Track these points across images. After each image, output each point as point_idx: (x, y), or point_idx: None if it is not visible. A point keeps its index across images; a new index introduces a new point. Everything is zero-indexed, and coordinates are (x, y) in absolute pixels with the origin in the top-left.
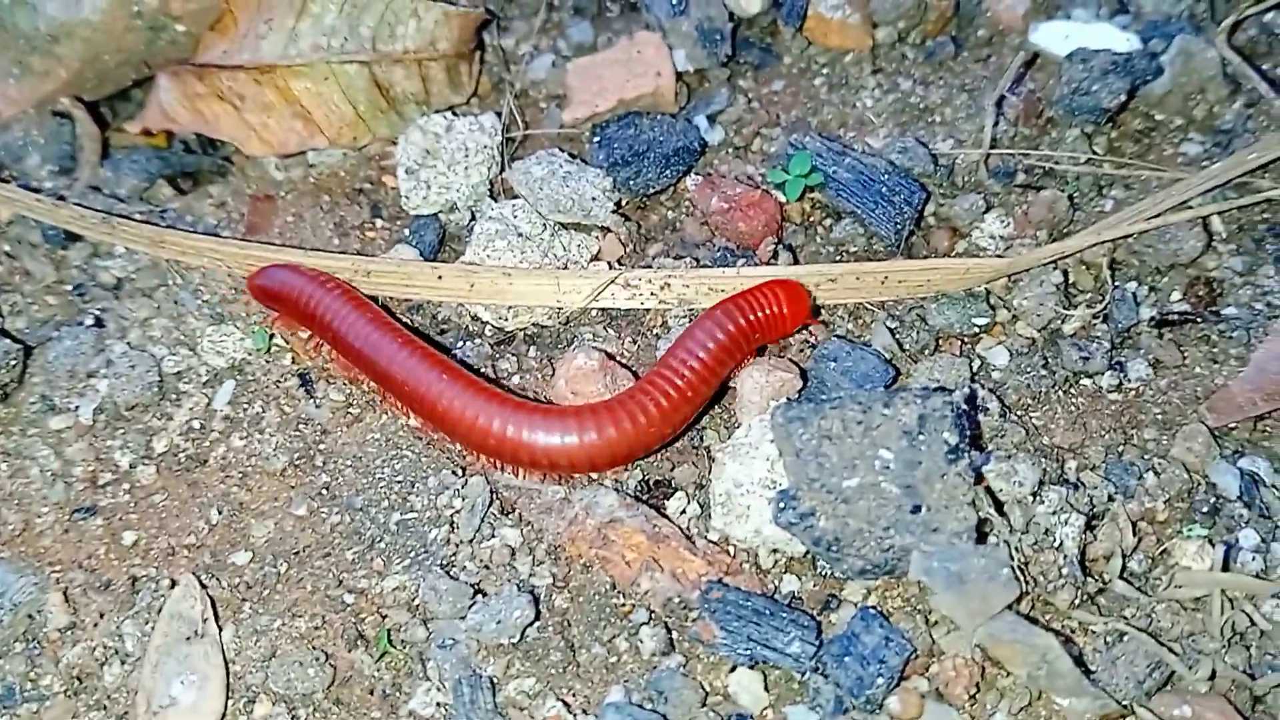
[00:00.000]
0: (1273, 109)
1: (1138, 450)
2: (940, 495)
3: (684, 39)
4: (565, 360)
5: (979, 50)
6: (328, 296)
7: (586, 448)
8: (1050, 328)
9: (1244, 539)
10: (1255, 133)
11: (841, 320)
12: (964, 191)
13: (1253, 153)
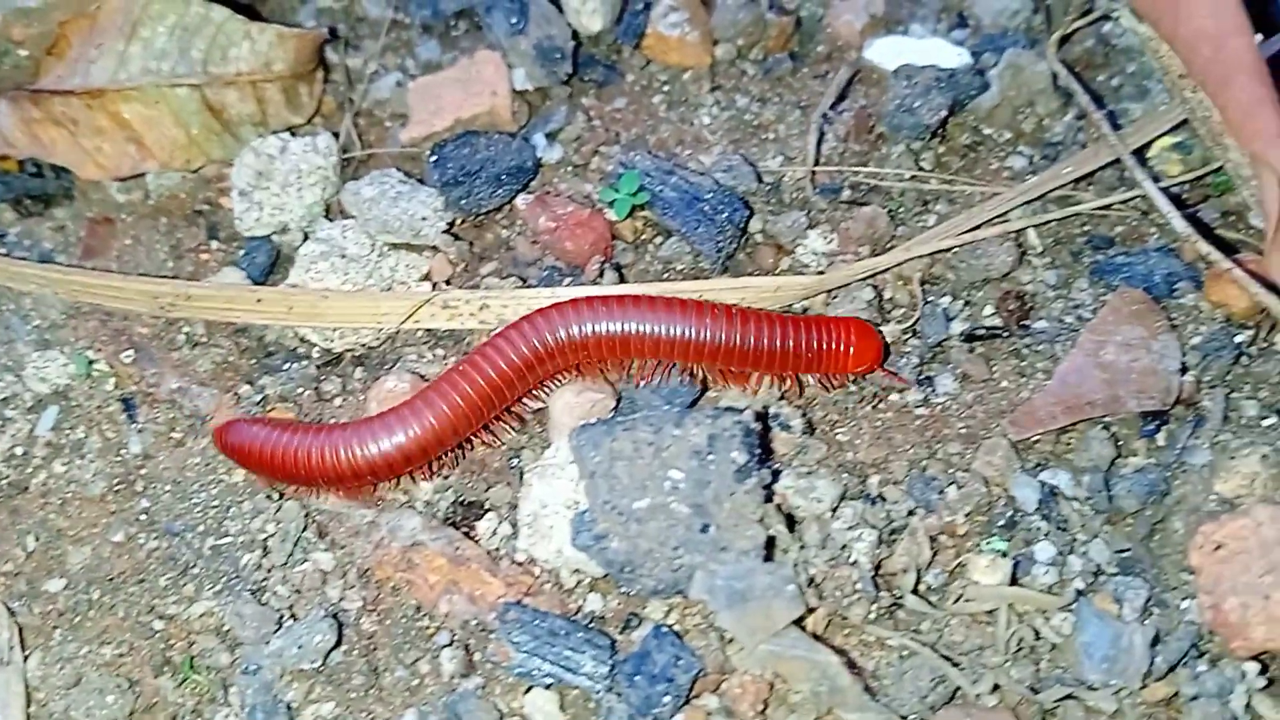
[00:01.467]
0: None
1: (942, 464)
2: (729, 514)
3: (523, 58)
4: (377, 384)
5: (817, 66)
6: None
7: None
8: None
9: (1040, 552)
10: (1085, 145)
11: None
12: (788, 209)
13: (1068, 166)
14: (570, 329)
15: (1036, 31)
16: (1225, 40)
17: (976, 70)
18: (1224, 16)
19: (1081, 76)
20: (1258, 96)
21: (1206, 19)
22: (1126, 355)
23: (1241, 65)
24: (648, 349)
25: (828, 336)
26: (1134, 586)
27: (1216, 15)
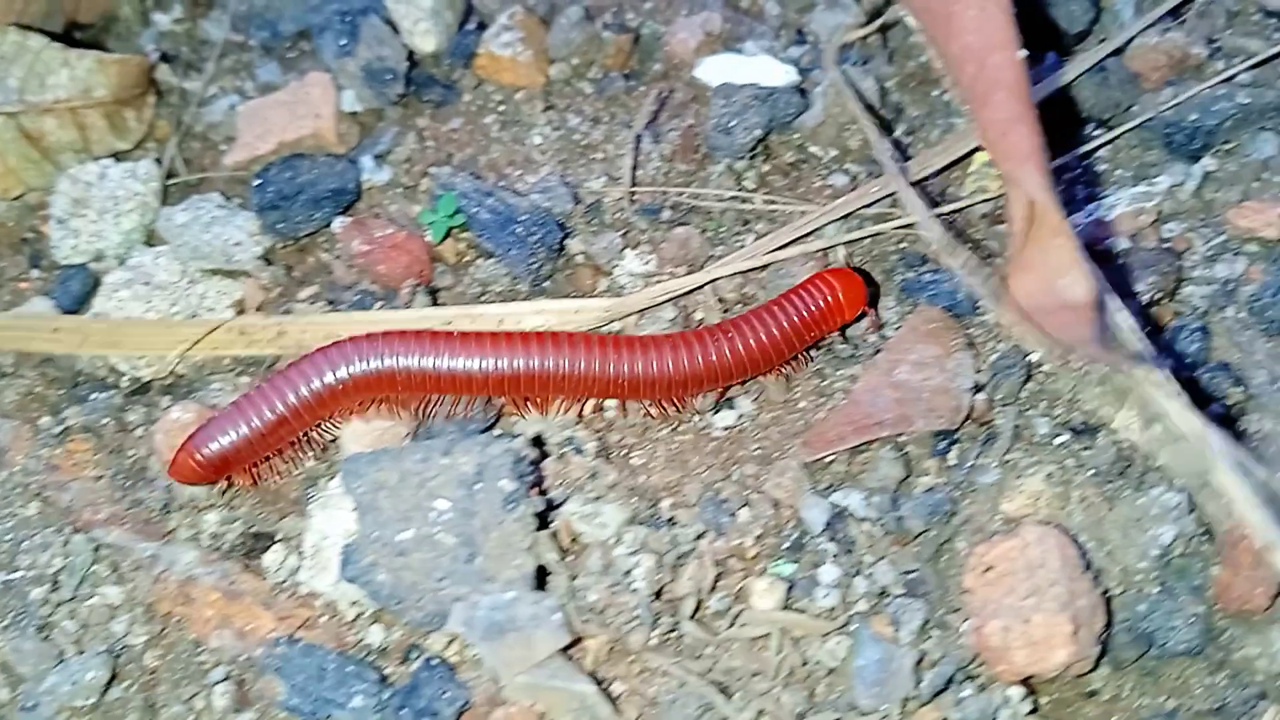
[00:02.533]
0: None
1: (737, 486)
2: (496, 543)
3: (352, 79)
4: (164, 415)
5: (653, 85)
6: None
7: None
8: None
9: (824, 574)
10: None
11: None
12: (607, 229)
13: (874, 185)
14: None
15: (871, 48)
16: (988, 56)
17: (799, 89)
18: (989, 32)
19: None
20: (1014, 114)
21: (973, 35)
22: (920, 374)
23: (1001, 82)
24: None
25: (818, 297)
26: (912, 609)
27: (982, 31)
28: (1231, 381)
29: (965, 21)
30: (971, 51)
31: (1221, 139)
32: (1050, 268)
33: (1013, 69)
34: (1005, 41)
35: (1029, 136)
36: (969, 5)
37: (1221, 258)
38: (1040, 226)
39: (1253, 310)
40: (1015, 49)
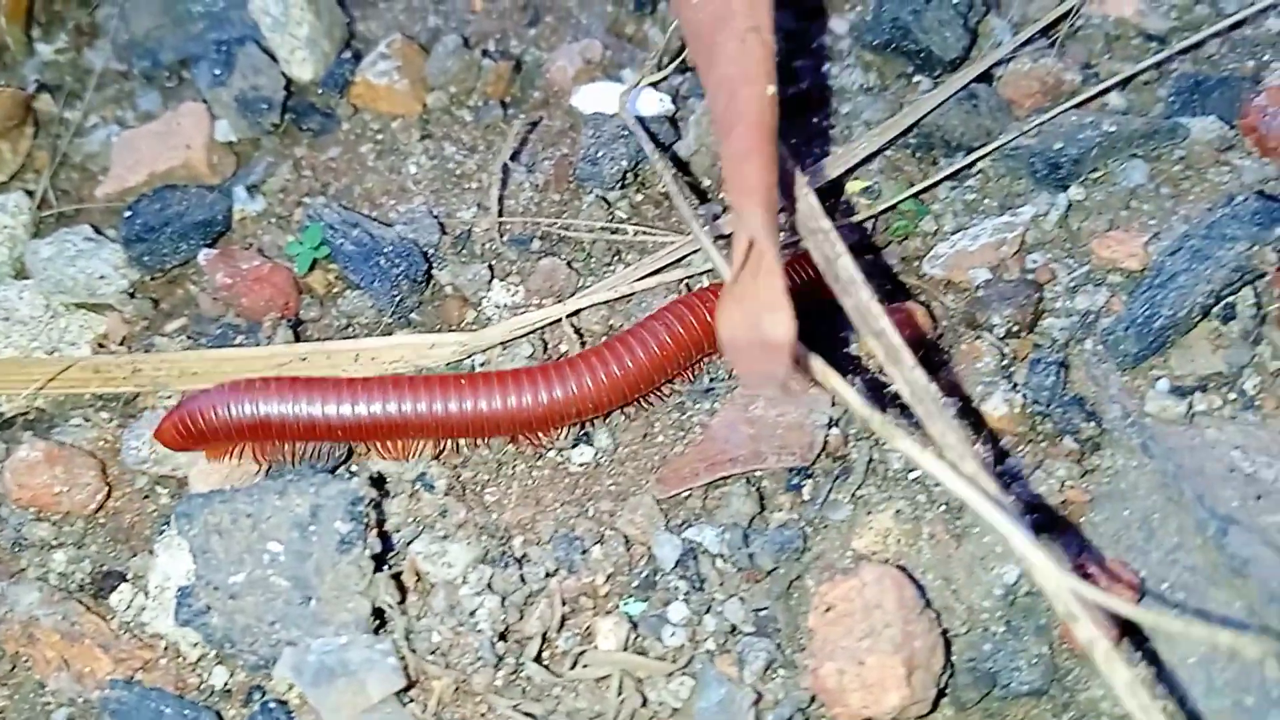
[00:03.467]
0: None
1: (592, 523)
2: (331, 586)
3: (227, 109)
4: (11, 454)
5: (532, 113)
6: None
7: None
8: None
9: (673, 612)
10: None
11: None
12: (475, 261)
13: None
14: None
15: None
16: (739, 88)
17: (672, 118)
18: (745, 65)
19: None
20: (749, 149)
21: (730, 66)
22: (775, 410)
23: (744, 115)
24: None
25: (688, 318)
26: (758, 648)
27: (739, 63)
28: (1084, 416)
29: (726, 52)
30: (726, 82)
31: (1090, 167)
32: (758, 303)
33: (758, 104)
34: (758, 76)
35: (759, 173)
36: (731, 37)
37: (1083, 289)
38: (755, 262)
39: (1107, 343)
40: (766, 85)
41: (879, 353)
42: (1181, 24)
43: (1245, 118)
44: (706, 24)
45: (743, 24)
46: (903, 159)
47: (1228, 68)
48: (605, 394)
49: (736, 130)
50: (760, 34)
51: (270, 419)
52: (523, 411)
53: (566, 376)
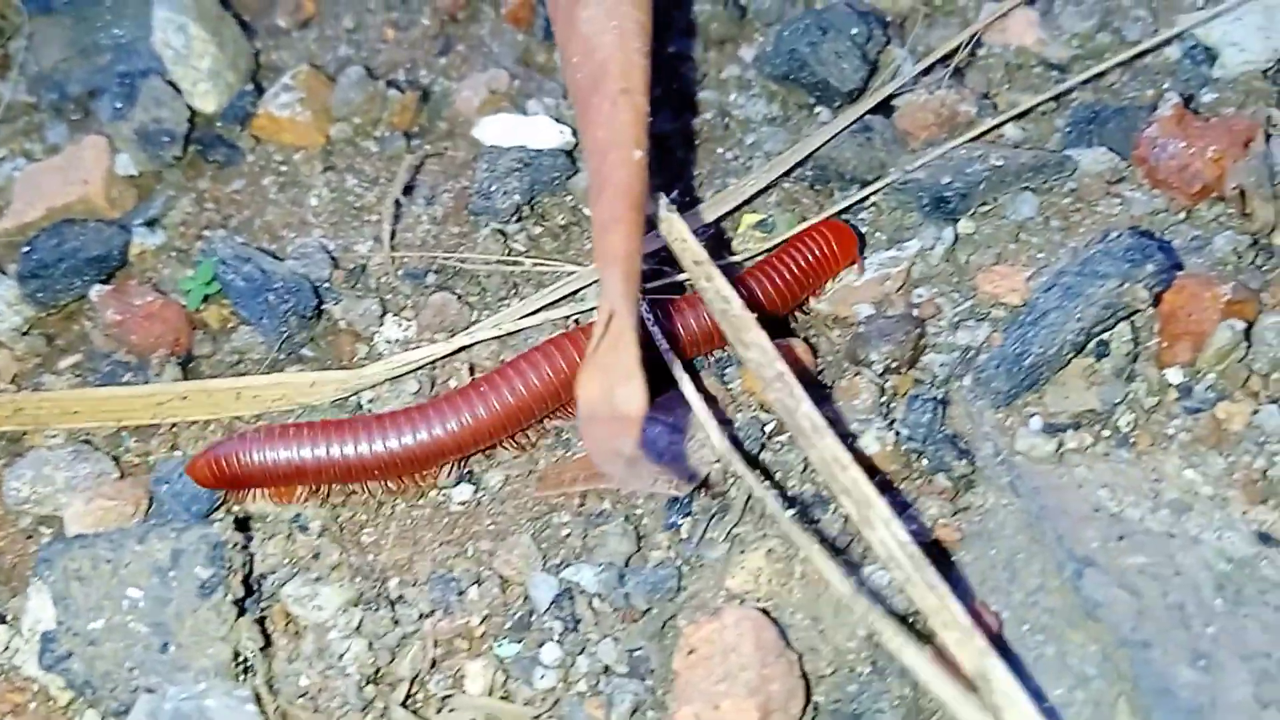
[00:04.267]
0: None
1: (470, 563)
2: (191, 632)
3: (128, 142)
4: None
5: (437, 144)
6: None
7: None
8: None
9: (546, 654)
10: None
11: (192, 439)
12: (369, 295)
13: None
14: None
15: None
16: (609, 151)
17: (569, 151)
18: (616, 128)
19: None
20: (615, 215)
21: (602, 129)
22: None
23: (611, 180)
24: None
25: (814, 247)
26: (628, 689)
27: (610, 126)
28: (957, 454)
29: (599, 114)
30: (597, 145)
31: (979, 200)
32: (614, 373)
33: (625, 169)
34: (626, 140)
35: (623, 240)
36: (605, 98)
37: (965, 324)
38: (615, 330)
39: (979, 380)
40: (634, 149)
41: (776, 395)
42: (1084, 52)
43: (1137, 149)
44: (584, 84)
45: (615, 86)
46: (800, 191)
47: (1128, 97)
48: (469, 436)
49: (604, 195)
50: (632, 96)
51: (305, 464)
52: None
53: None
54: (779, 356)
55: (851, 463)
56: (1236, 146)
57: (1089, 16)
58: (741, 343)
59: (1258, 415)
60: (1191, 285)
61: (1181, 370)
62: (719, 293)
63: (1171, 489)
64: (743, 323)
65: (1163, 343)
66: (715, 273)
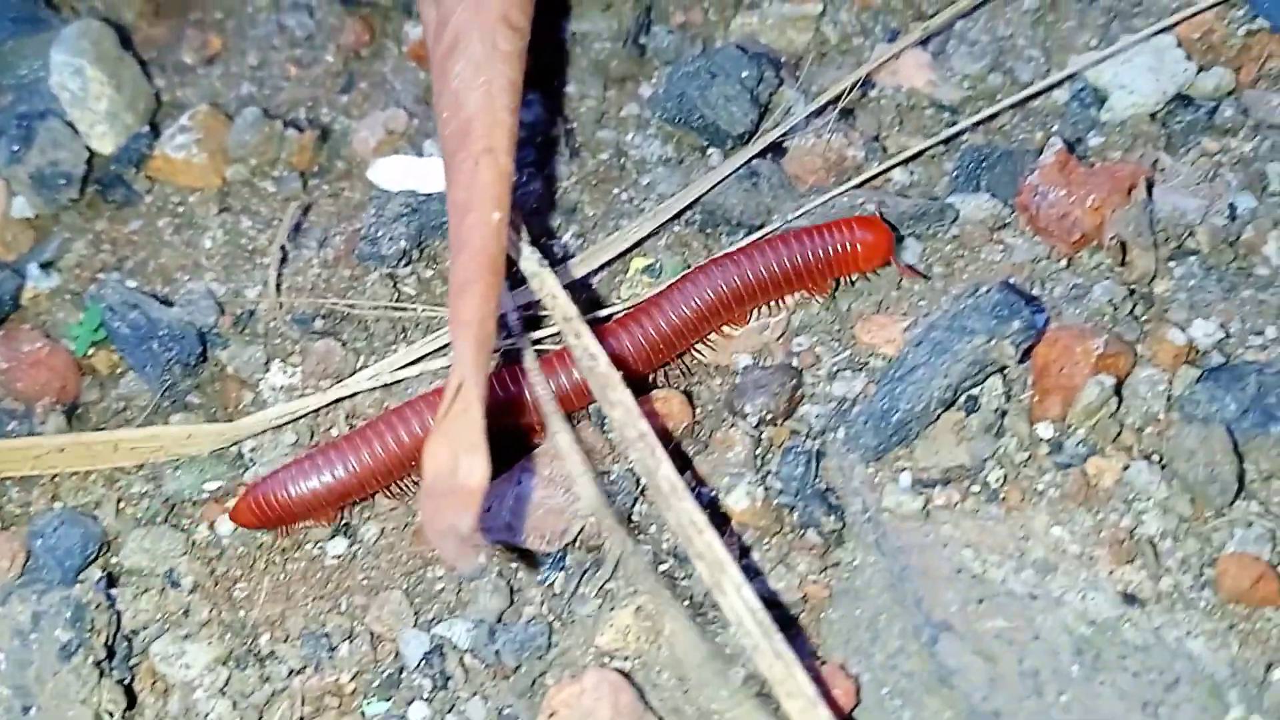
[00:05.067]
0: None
1: (343, 619)
2: (52, 695)
3: (24, 184)
4: None
5: (335, 185)
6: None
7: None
8: None
9: (414, 712)
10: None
11: (73, 489)
12: (256, 341)
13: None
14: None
15: (553, 146)
16: (467, 213)
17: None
18: (476, 190)
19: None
20: (469, 278)
21: (462, 190)
22: (544, 491)
23: (467, 243)
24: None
25: (834, 239)
26: None
27: (470, 188)
28: (826, 509)
29: (461, 174)
30: (457, 205)
31: None
32: (460, 442)
33: (482, 230)
34: (486, 201)
35: (475, 306)
36: (468, 157)
37: (841, 375)
38: (463, 399)
39: (850, 434)
40: (493, 211)
41: (638, 455)
42: (975, 94)
43: (1020, 196)
44: (450, 141)
45: (479, 145)
46: (689, 235)
47: (1017, 139)
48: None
49: (460, 257)
50: (495, 156)
51: (339, 483)
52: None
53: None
54: (641, 416)
55: (707, 526)
56: (1118, 194)
57: (981, 57)
58: (607, 401)
59: (1128, 471)
60: (1065, 338)
61: (1052, 425)
62: (586, 350)
63: (1038, 547)
64: (608, 380)
65: (1035, 397)
66: (584, 329)
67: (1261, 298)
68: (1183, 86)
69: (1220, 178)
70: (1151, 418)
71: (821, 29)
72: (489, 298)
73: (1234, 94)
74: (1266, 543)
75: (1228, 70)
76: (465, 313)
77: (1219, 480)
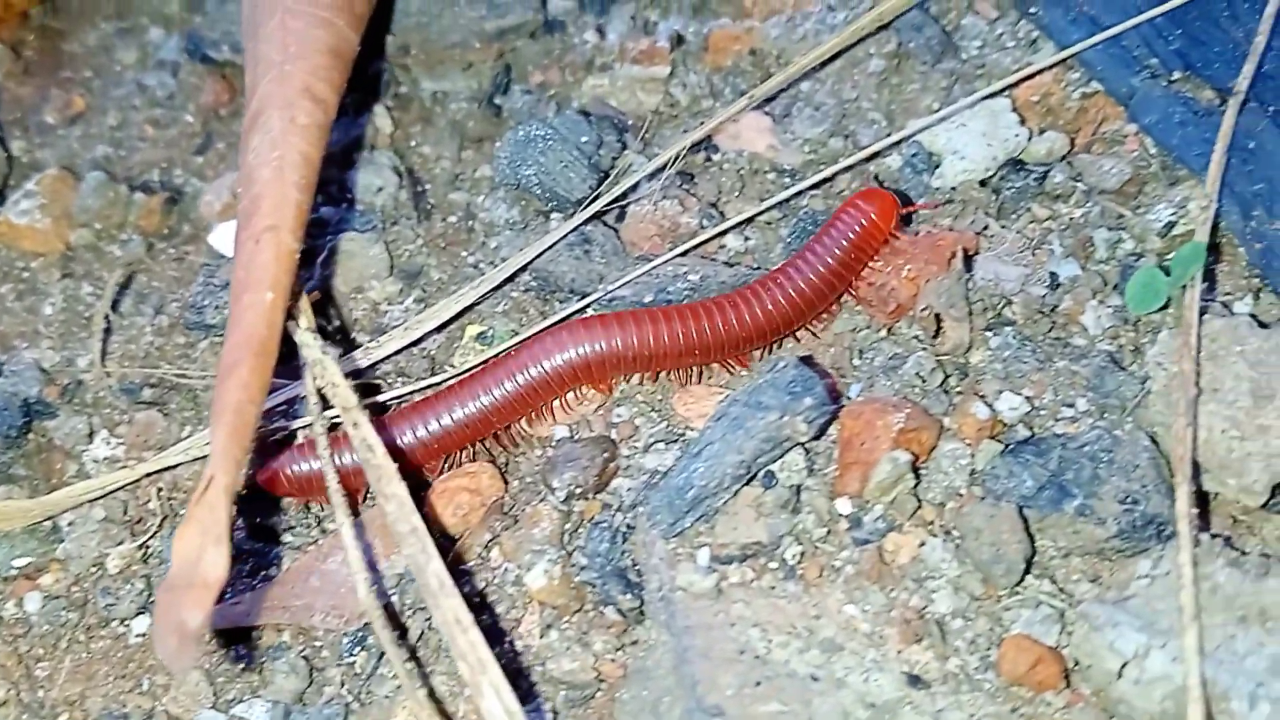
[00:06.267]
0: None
1: (144, 698)
2: None
3: None
4: None
5: (181, 249)
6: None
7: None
8: (97, 567)
9: None
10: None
11: None
12: (79, 411)
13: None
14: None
15: (404, 208)
16: (243, 294)
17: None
18: (254, 269)
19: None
20: (236, 360)
21: (243, 269)
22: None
23: (240, 323)
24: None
25: (852, 224)
26: None
27: (249, 267)
28: (625, 587)
29: (242, 253)
30: (237, 284)
31: None
32: (209, 534)
33: (255, 313)
34: (262, 282)
35: (235, 392)
36: (250, 235)
37: (655, 447)
38: (213, 490)
39: (649, 510)
40: (267, 292)
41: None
42: (816, 158)
43: None
44: (241, 217)
45: (263, 222)
46: (527, 300)
47: None
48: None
49: (230, 339)
50: (278, 234)
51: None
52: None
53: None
54: (415, 511)
55: (472, 625)
56: (938, 264)
57: (823, 121)
58: (382, 493)
59: (924, 548)
60: (868, 412)
61: (851, 501)
62: (364, 440)
63: (829, 626)
64: (384, 473)
65: (838, 472)
66: (362, 419)
67: (1074, 369)
68: (1014, 152)
69: (1046, 245)
70: (953, 493)
71: (670, 91)
72: (251, 384)
73: (1066, 159)
74: (1054, 623)
75: (1062, 135)
76: (225, 398)
77: (1005, 560)
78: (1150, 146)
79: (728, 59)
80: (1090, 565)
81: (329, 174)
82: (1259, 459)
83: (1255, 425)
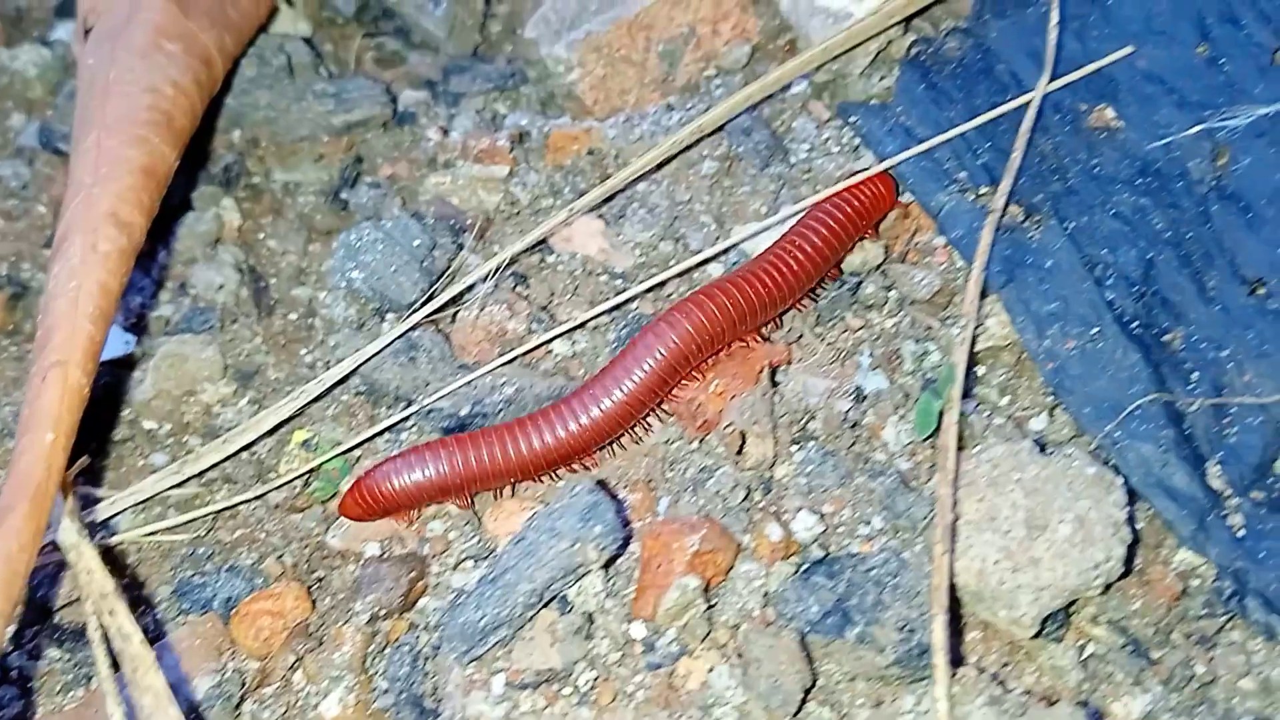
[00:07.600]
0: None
1: None
2: None
3: None
4: None
5: (25, 347)
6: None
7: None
8: None
9: None
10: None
11: None
12: None
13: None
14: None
15: (244, 305)
16: (24, 434)
17: (129, 360)
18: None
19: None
20: (7, 505)
21: (29, 407)
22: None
23: (17, 465)
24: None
25: (866, 195)
26: None
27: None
28: (419, 714)
29: (30, 388)
30: (21, 423)
31: None
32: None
33: (32, 455)
34: (44, 422)
35: (4, 539)
36: (38, 371)
37: (463, 565)
38: None
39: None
40: (48, 432)
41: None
42: (648, 261)
43: None
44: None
45: (51, 357)
46: (357, 404)
47: None
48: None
49: (9, 481)
50: (65, 370)
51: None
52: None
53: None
54: (173, 701)
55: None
56: (747, 378)
57: (654, 224)
58: (138, 685)
59: (713, 674)
60: (667, 533)
61: (645, 624)
62: (120, 630)
63: None
64: (141, 663)
65: (635, 593)
66: (120, 607)
67: (872, 485)
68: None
69: (855, 356)
70: (746, 615)
71: (510, 190)
72: (24, 532)
73: (881, 268)
74: None
75: (876, 245)
76: None
77: (782, 690)
78: (958, 259)
79: (567, 158)
80: (873, 690)
81: (173, 270)
82: (1028, 591)
83: (1027, 557)
